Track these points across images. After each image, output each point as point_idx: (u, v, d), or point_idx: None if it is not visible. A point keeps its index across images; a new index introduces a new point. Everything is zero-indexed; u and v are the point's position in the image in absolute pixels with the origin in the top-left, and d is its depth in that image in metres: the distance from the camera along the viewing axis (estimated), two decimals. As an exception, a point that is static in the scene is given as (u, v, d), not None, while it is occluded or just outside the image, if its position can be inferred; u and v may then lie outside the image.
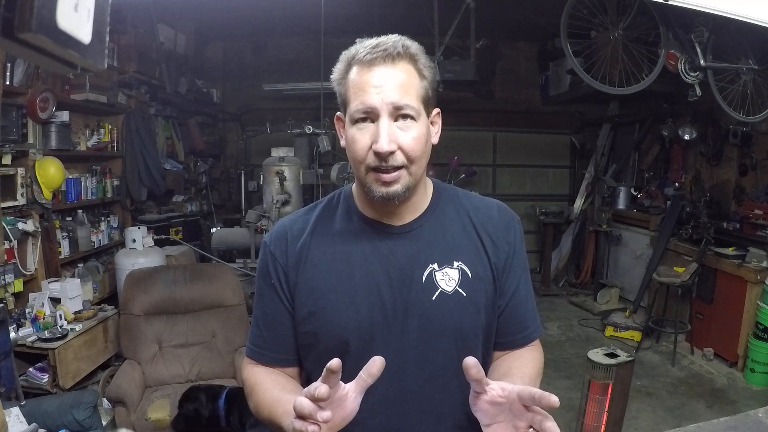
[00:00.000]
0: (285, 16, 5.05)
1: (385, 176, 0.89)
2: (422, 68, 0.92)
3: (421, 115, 0.91)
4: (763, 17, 1.55)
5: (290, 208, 3.73)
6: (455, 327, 0.95)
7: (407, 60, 0.90)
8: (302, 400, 0.72)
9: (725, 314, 3.98)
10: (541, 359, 1.04)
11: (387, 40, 0.90)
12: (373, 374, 0.77)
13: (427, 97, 0.92)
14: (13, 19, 0.34)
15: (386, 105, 0.87)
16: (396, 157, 0.88)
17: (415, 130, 0.89)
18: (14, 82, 2.98)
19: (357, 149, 0.89)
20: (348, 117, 0.91)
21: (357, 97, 0.88)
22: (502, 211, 1.04)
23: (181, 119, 5.24)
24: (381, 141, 0.86)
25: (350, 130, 0.91)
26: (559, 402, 0.72)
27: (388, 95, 0.87)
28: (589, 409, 2.49)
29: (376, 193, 0.90)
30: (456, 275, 0.95)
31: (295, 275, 0.98)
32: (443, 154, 5.86)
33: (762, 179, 4.29)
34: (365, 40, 0.92)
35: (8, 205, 2.89)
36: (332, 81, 0.94)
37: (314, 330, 0.96)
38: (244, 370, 1.06)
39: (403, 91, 0.88)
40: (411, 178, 0.91)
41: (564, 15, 3.24)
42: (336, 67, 0.94)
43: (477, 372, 0.77)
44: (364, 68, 0.89)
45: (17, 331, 2.75)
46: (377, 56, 0.88)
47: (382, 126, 0.87)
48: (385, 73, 0.88)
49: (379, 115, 0.87)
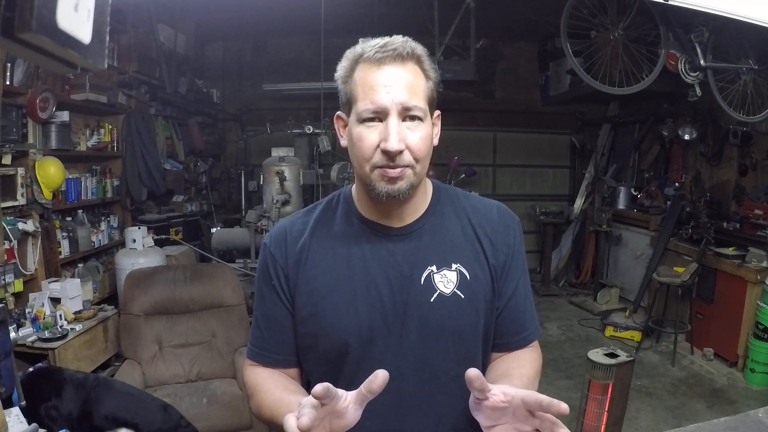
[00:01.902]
0: (285, 16, 5.05)
1: (391, 171, 0.88)
2: (428, 70, 0.92)
3: (427, 115, 0.91)
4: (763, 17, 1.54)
5: (290, 208, 3.73)
6: (453, 329, 0.95)
7: (414, 61, 0.90)
8: (290, 423, 0.71)
9: (725, 314, 3.98)
10: (539, 360, 1.04)
11: (394, 40, 0.90)
12: (373, 391, 0.75)
13: (432, 98, 0.93)
14: (13, 19, 0.34)
15: (396, 105, 0.87)
16: (404, 157, 0.88)
17: (422, 130, 0.90)
18: (14, 82, 2.97)
19: (364, 147, 0.89)
20: (354, 115, 0.90)
21: (366, 95, 0.88)
22: (501, 213, 1.04)
23: (181, 119, 5.24)
24: (391, 140, 0.86)
25: (357, 128, 0.90)
26: (568, 409, 0.70)
27: (398, 95, 0.87)
28: (589, 409, 2.49)
29: (381, 190, 0.90)
30: (454, 277, 0.96)
31: (294, 276, 0.98)
32: (443, 154, 5.86)
33: (762, 179, 4.29)
34: (369, 40, 0.92)
35: (8, 205, 2.89)
36: (336, 79, 0.94)
37: (314, 331, 0.96)
38: (245, 372, 1.06)
39: (411, 91, 0.88)
40: (415, 177, 0.91)
41: (564, 15, 3.24)
42: (340, 65, 0.93)
43: (480, 384, 0.76)
44: (373, 67, 0.88)
45: (17, 331, 2.75)
46: (387, 55, 0.87)
47: (392, 125, 0.87)
48: (395, 72, 0.88)
49: (389, 114, 0.87)
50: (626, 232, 5.49)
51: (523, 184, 6.89)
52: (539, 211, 6.24)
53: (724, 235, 4.23)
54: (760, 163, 4.33)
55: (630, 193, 5.68)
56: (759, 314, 3.59)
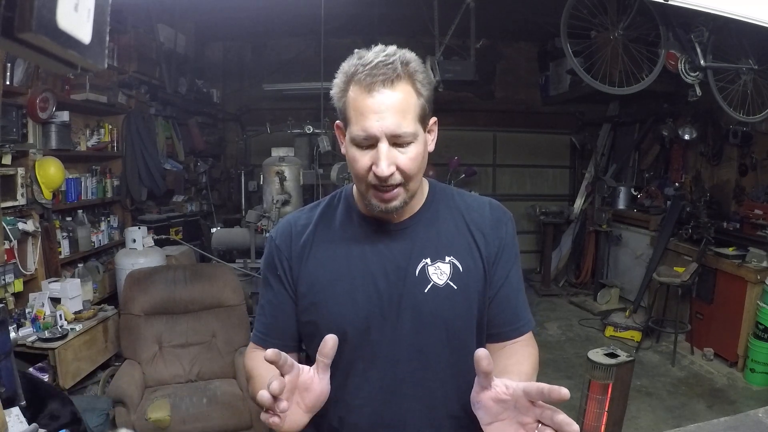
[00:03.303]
0: (285, 16, 5.05)
1: (385, 195, 0.94)
2: (420, 87, 0.93)
3: (418, 135, 0.94)
4: (763, 17, 1.55)
5: (290, 208, 3.73)
6: (446, 318, 0.99)
7: (406, 80, 0.91)
8: (263, 394, 0.77)
9: (725, 314, 3.98)
10: (536, 355, 1.06)
11: (386, 59, 0.90)
12: (327, 354, 0.84)
13: (423, 114, 0.95)
14: (13, 19, 0.34)
15: (385, 133, 0.90)
16: (395, 177, 0.93)
17: (412, 151, 0.93)
18: (14, 82, 2.97)
19: (358, 168, 0.94)
20: (348, 136, 0.95)
21: (357, 121, 0.91)
22: (493, 208, 1.09)
23: (181, 119, 5.24)
24: (381, 165, 0.90)
25: (351, 149, 0.95)
26: (569, 394, 0.72)
27: (388, 124, 0.89)
28: (589, 409, 2.50)
29: (375, 207, 0.97)
30: (447, 269, 1.00)
31: (298, 268, 1.04)
32: (443, 154, 5.86)
33: (762, 179, 4.29)
34: (364, 54, 0.92)
35: (8, 205, 2.89)
36: (332, 95, 0.97)
37: (315, 320, 1.02)
38: (246, 355, 1.12)
39: (401, 116, 0.90)
40: (408, 193, 0.97)
41: (564, 15, 3.24)
42: (335, 81, 0.96)
43: (487, 364, 0.79)
44: (364, 92, 0.90)
45: (17, 331, 2.75)
46: (377, 80, 0.89)
47: (381, 151, 0.91)
48: (385, 98, 0.89)
49: (379, 140, 0.91)
50: (626, 232, 5.49)
51: (523, 184, 6.89)
52: (539, 211, 6.23)
53: (724, 235, 4.23)
54: (760, 163, 4.33)
55: (630, 193, 5.68)
56: (759, 314, 3.59)
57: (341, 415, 1.01)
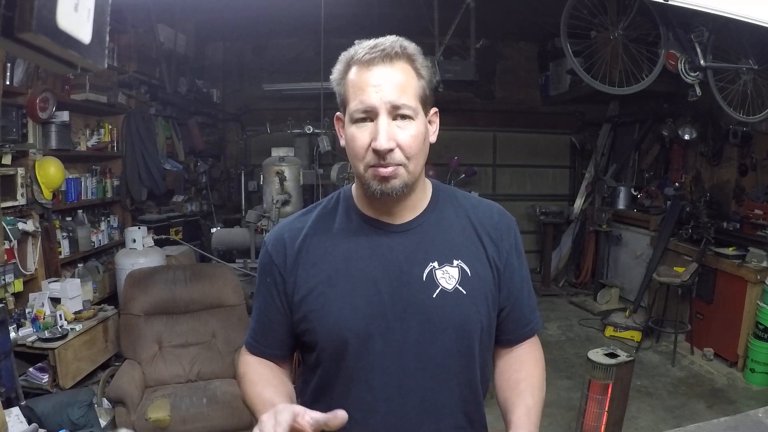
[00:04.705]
0: (285, 16, 5.04)
1: (383, 170, 0.90)
2: (420, 68, 0.93)
3: (419, 113, 0.92)
4: (763, 17, 1.54)
5: (290, 208, 3.73)
6: (456, 325, 0.96)
7: (405, 60, 0.91)
8: (266, 422, 0.75)
9: (725, 314, 3.98)
10: (542, 358, 1.07)
11: (385, 40, 0.92)
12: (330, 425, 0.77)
13: (424, 96, 0.93)
14: (13, 19, 0.34)
15: (384, 104, 0.88)
16: (394, 155, 0.89)
17: (413, 129, 0.91)
18: (14, 82, 2.97)
19: (356, 147, 0.91)
20: (347, 116, 0.93)
21: (356, 96, 0.90)
22: (501, 214, 1.07)
23: (181, 119, 5.24)
24: (380, 139, 0.88)
25: (350, 128, 0.92)
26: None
27: (387, 94, 0.88)
28: (589, 409, 2.50)
29: (375, 189, 0.92)
30: (456, 273, 0.96)
31: (293, 276, 0.99)
32: (443, 154, 5.87)
33: (762, 179, 4.29)
34: (364, 42, 0.93)
35: (8, 205, 2.89)
36: (332, 81, 0.96)
37: (313, 328, 0.97)
38: (239, 359, 1.11)
39: (400, 90, 0.89)
40: (409, 175, 0.92)
41: (564, 15, 3.24)
42: (335, 68, 0.95)
43: None
44: (363, 68, 0.90)
45: (17, 331, 2.75)
46: (375, 56, 0.89)
47: (381, 124, 0.88)
48: (384, 72, 0.89)
49: (378, 113, 0.89)
50: (626, 232, 5.49)
51: (523, 184, 6.89)
52: (539, 211, 6.23)
53: (724, 235, 4.23)
54: (760, 163, 4.33)
55: (630, 193, 5.68)
56: (759, 314, 3.59)
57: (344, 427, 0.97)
